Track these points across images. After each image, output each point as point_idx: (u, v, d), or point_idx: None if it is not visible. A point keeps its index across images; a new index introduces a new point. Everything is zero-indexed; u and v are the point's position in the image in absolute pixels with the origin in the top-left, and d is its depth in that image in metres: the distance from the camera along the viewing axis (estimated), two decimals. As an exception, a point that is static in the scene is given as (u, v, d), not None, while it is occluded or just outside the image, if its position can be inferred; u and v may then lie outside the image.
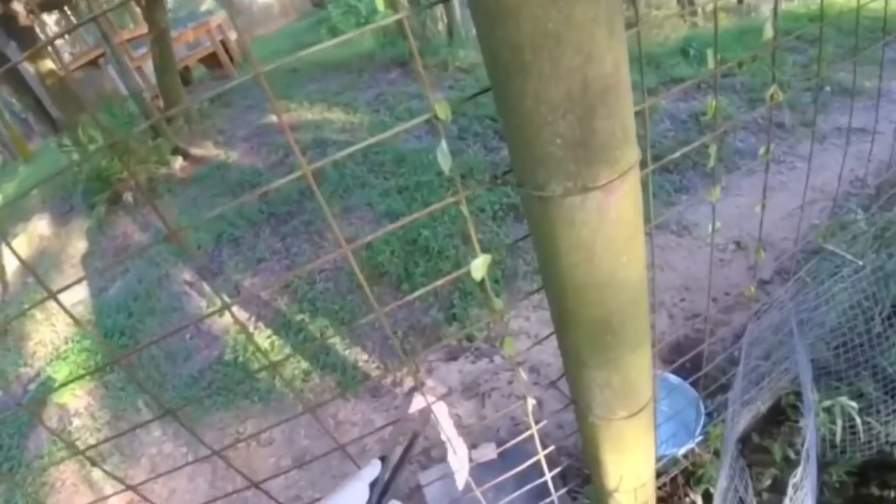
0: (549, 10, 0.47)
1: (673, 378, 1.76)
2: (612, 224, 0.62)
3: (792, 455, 1.62)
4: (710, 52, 0.86)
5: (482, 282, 0.74)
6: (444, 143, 0.65)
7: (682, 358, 1.31)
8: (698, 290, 2.56)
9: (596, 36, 0.49)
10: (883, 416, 1.51)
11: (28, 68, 5.60)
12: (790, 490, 0.95)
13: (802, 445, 1.14)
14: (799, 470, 1.00)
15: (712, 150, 0.96)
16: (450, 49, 5.87)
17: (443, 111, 0.61)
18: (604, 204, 0.60)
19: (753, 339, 1.53)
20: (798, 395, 1.52)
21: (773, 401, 1.81)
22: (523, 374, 0.88)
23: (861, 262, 1.58)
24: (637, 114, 0.65)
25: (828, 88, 4.02)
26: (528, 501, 1.56)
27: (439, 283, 0.80)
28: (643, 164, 0.65)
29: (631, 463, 1.03)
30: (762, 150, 1.12)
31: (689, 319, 2.41)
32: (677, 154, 0.95)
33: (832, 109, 3.85)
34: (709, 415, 1.71)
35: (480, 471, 1.82)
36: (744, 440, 1.78)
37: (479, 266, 0.73)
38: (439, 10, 6.80)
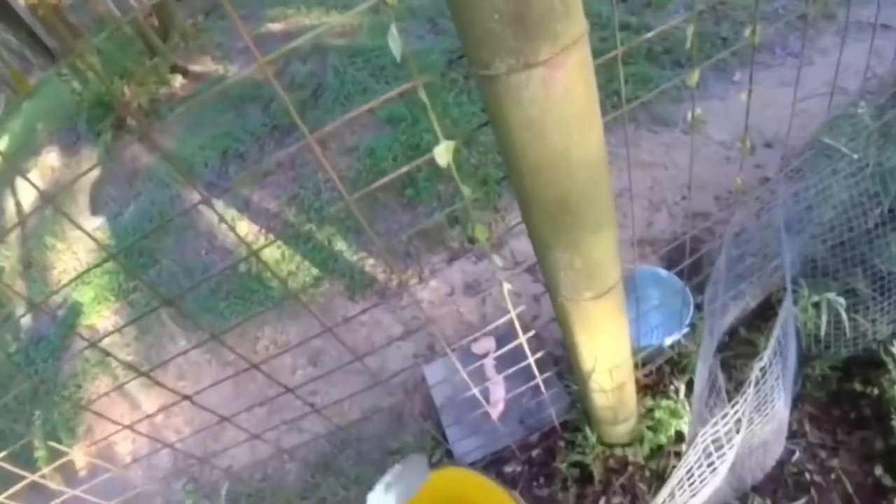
0: None
1: (662, 271, 1.80)
2: (559, 101, 0.63)
3: (777, 349, 1.67)
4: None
5: (449, 166, 0.76)
6: (393, 28, 0.65)
7: (668, 247, 1.33)
8: (701, 189, 2.54)
9: None
10: (871, 314, 1.53)
11: (19, 1, 5.42)
12: (756, 373, 0.98)
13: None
14: (766, 353, 1.03)
15: (689, 31, 0.93)
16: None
17: (389, -6, 0.61)
18: (549, 80, 0.61)
19: (741, 230, 1.54)
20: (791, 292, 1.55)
21: (763, 297, 1.84)
22: (498, 260, 0.92)
23: (856, 156, 1.55)
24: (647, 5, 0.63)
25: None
26: (521, 386, 1.67)
27: (411, 165, 0.83)
28: (650, 61, 0.65)
29: (603, 344, 1.10)
30: (748, 32, 1.08)
31: (689, 218, 2.42)
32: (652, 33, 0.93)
33: (856, 2, 3.59)
34: (697, 307, 1.75)
35: (478, 363, 1.94)
36: (731, 333, 1.83)
37: (441, 152, 0.75)
38: None
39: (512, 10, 0.54)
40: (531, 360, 1.24)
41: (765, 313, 1.85)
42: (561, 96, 0.63)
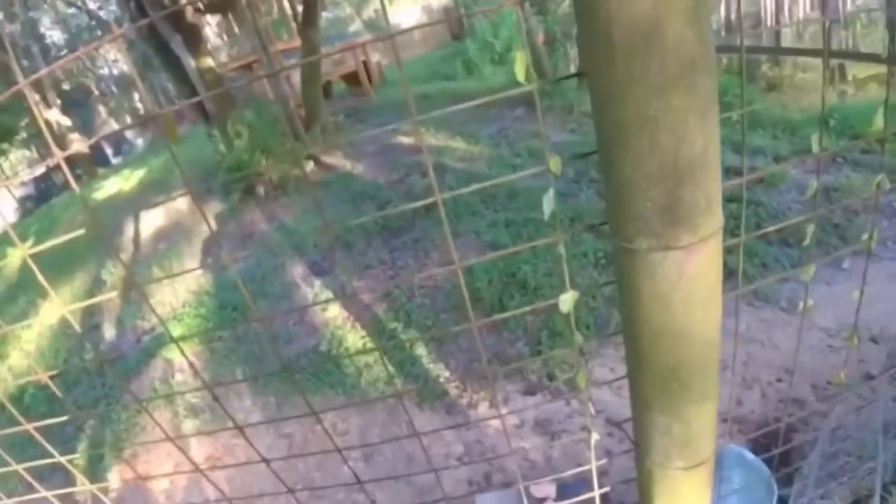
0: (651, 99, 0.57)
1: (749, 454, 1.70)
2: (689, 281, 0.70)
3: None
4: (814, 137, 0.90)
5: (567, 316, 0.83)
6: (551, 192, 0.76)
7: (758, 431, 1.29)
8: (798, 375, 2.42)
9: (689, 121, 0.59)
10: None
11: (190, 62, 6.39)
12: None
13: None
14: None
15: (809, 229, 0.98)
16: (577, 93, 5.97)
17: (554, 165, 0.73)
18: (683, 262, 0.68)
19: (839, 427, 1.46)
20: (882, 499, 1.43)
21: (852, 499, 1.70)
22: (592, 408, 0.95)
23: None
24: (758, 182, 0.71)
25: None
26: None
27: (531, 308, 0.91)
28: (757, 237, 0.72)
29: (684, 518, 1.05)
30: (865, 236, 1.11)
31: (783, 401, 2.29)
32: (771, 228, 0.99)
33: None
34: (782, 500, 1.63)
35: (537, 504, 1.87)
36: (815, 535, 1.67)
37: (567, 300, 0.83)
38: (572, 53, 6.95)
39: (665, 202, 0.64)
40: (600, 516, 1.20)
41: (853, 517, 1.69)
42: (692, 278, 0.70)
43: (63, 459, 0.99)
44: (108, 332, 4.27)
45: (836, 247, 3.27)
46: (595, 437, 1.03)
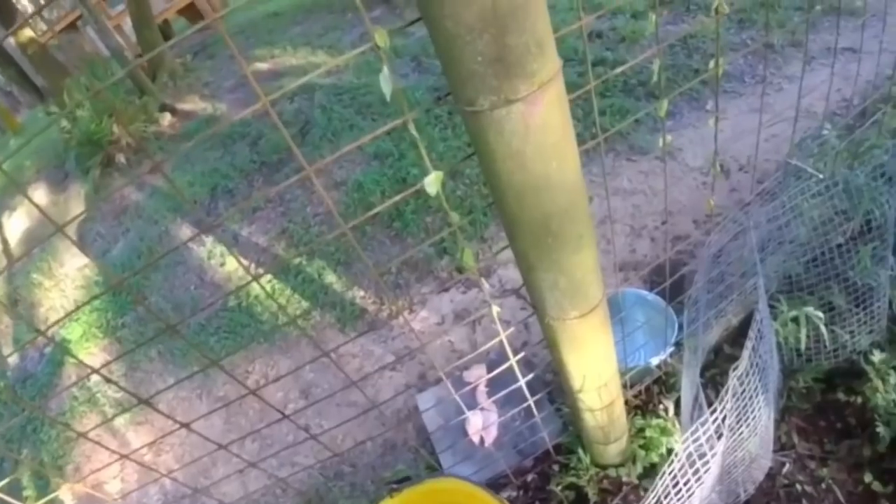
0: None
1: (647, 294, 1.85)
2: (538, 132, 0.69)
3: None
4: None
5: (439, 196, 0.81)
6: (386, 70, 0.71)
7: (645, 269, 1.39)
8: (680, 214, 2.63)
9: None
10: (849, 326, 1.59)
11: (8, 39, 5.51)
12: (733, 381, 1.01)
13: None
14: (742, 362, 1.08)
15: (655, 65, 1.00)
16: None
17: (381, 39, 0.67)
18: (528, 114, 0.67)
19: (719, 250, 1.61)
20: (771, 308, 1.61)
21: (744, 314, 1.91)
22: (486, 284, 0.97)
23: (821, 176, 1.64)
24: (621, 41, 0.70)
25: (818, 7, 3.93)
26: (513, 409, 1.70)
27: (400, 196, 0.88)
28: (627, 93, 0.71)
29: (590, 362, 1.14)
30: (711, 64, 1.16)
31: (670, 242, 2.49)
32: (620, 68, 1.00)
33: (822, 29, 3.78)
34: (682, 326, 1.79)
35: (471, 391, 1.97)
36: (716, 351, 1.88)
37: (432, 181, 0.80)
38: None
39: (493, 52, 0.61)
40: (522, 382, 1.28)
41: (747, 331, 1.90)
42: (539, 128, 0.69)
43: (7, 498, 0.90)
44: (11, 357, 3.89)
45: (698, 91, 3.47)
46: (496, 309, 1.06)
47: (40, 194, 5.34)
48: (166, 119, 5.22)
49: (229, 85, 5.35)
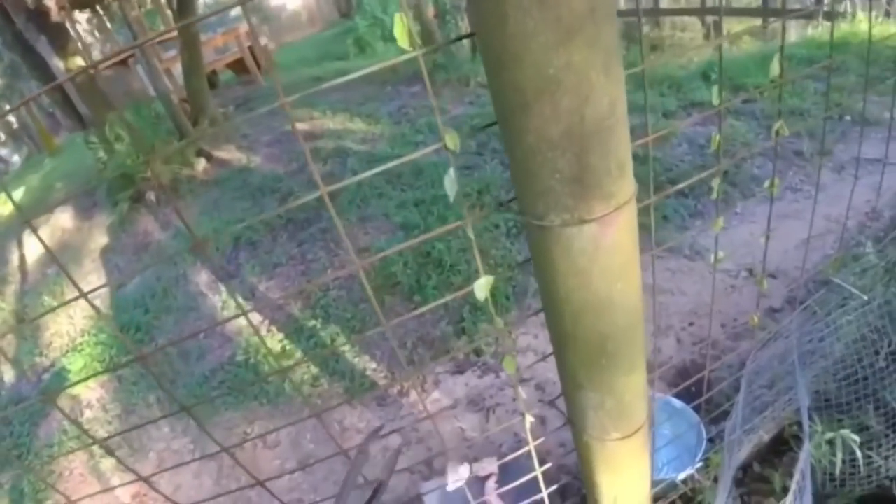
0: (551, 57, 0.51)
1: (676, 402, 1.76)
2: (607, 253, 0.66)
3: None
4: (715, 89, 0.89)
5: (486, 301, 0.77)
6: (451, 172, 0.69)
7: (686, 382, 1.32)
8: (707, 316, 2.56)
9: (593, 79, 0.53)
10: (884, 451, 1.51)
11: (58, 64, 5.76)
12: None
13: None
14: (789, 497, 1.01)
15: (716, 182, 0.99)
16: (472, 65, 5.94)
17: (451, 142, 0.66)
18: (599, 235, 0.63)
19: (757, 366, 1.54)
20: (801, 425, 1.52)
21: (776, 431, 1.81)
22: (523, 393, 0.91)
23: (866, 297, 1.59)
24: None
25: (847, 118, 4.00)
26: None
27: (449, 297, 0.84)
28: (655, 191, 0.69)
29: (625, 484, 1.05)
30: (767, 183, 1.15)
31: (697, 344, 2.41)
32: (682, 185, 0.98)
33: (851, 139, 3.83)
34: (711, 441, 1.71)
35: (480, 484, 1.84)
36: (745, 468, 1.78)
37: (482, 286, 0.77)
38: (464, 23, 6.90)
39: (573, 171, 0.58)
40: (545, 493, 1.19)
41: (777, 448, 1.82)
42: (609, 249, 0.65)
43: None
44: (6, 374, 3.82)
45: (727, 193, 3.49)
46: (529, 419, 1.00)
47: (66, 218, 5.41)
48: (201, 164, 5.34)
49: (266, 139, 5.50)
